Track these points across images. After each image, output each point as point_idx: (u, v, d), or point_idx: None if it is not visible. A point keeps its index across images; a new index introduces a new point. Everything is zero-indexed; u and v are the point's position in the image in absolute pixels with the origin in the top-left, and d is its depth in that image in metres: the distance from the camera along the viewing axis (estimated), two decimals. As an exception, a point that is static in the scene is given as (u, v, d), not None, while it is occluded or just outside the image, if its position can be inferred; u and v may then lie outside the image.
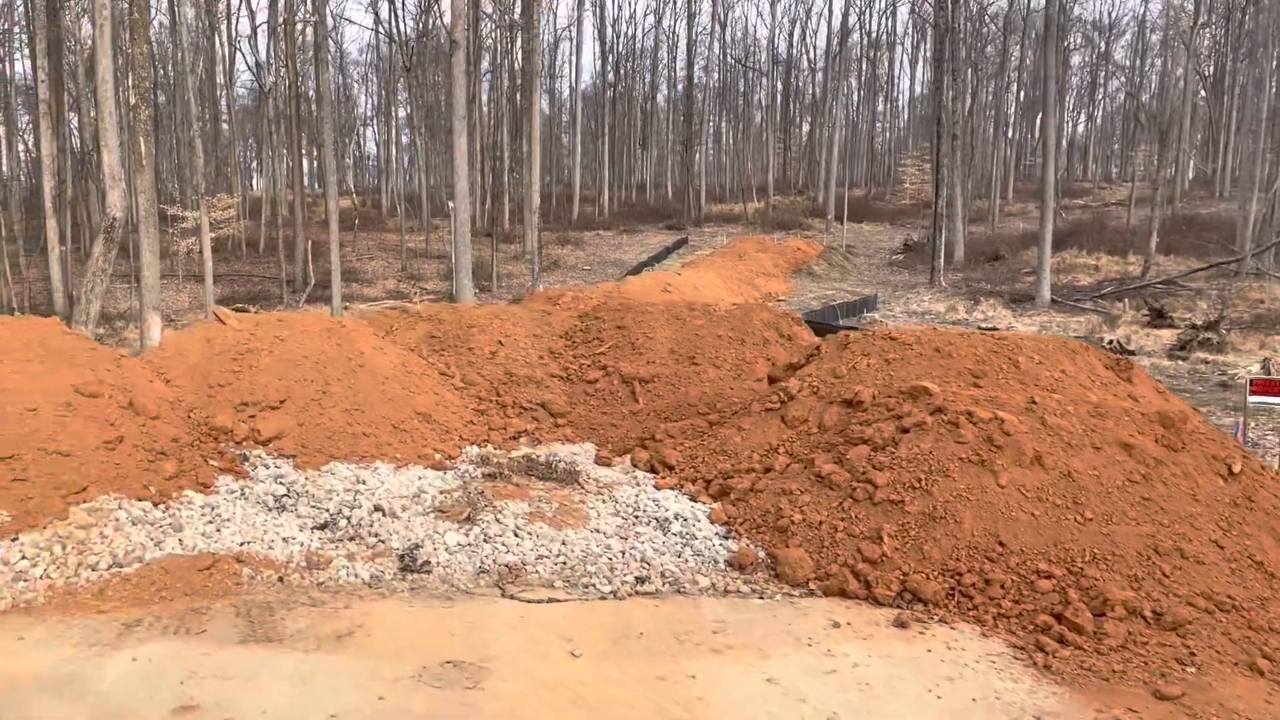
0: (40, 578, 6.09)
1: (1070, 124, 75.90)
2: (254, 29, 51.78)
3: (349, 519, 7.23)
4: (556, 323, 14.17)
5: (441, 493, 8.02)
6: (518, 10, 51.93)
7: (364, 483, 8.22)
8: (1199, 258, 39.60)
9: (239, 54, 59.05)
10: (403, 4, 53.80)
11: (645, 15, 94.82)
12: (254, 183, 69.96)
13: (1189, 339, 24.68)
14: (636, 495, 8.01)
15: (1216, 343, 24.51)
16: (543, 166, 48.64)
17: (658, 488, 8.26)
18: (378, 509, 7.36)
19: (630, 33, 74.22)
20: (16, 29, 49.44)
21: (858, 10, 60.52)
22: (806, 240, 53.76)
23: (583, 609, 5.84)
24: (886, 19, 76.46)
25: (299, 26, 45.84)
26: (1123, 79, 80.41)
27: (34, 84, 36.87)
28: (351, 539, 6.95)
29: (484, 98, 54.00)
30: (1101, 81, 78.62)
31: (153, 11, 41.10)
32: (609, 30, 69.71)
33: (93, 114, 41.48)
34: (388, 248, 51.41)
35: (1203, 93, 68.27)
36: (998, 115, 64.21)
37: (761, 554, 6.71)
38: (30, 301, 31.87)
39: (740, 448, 8.41)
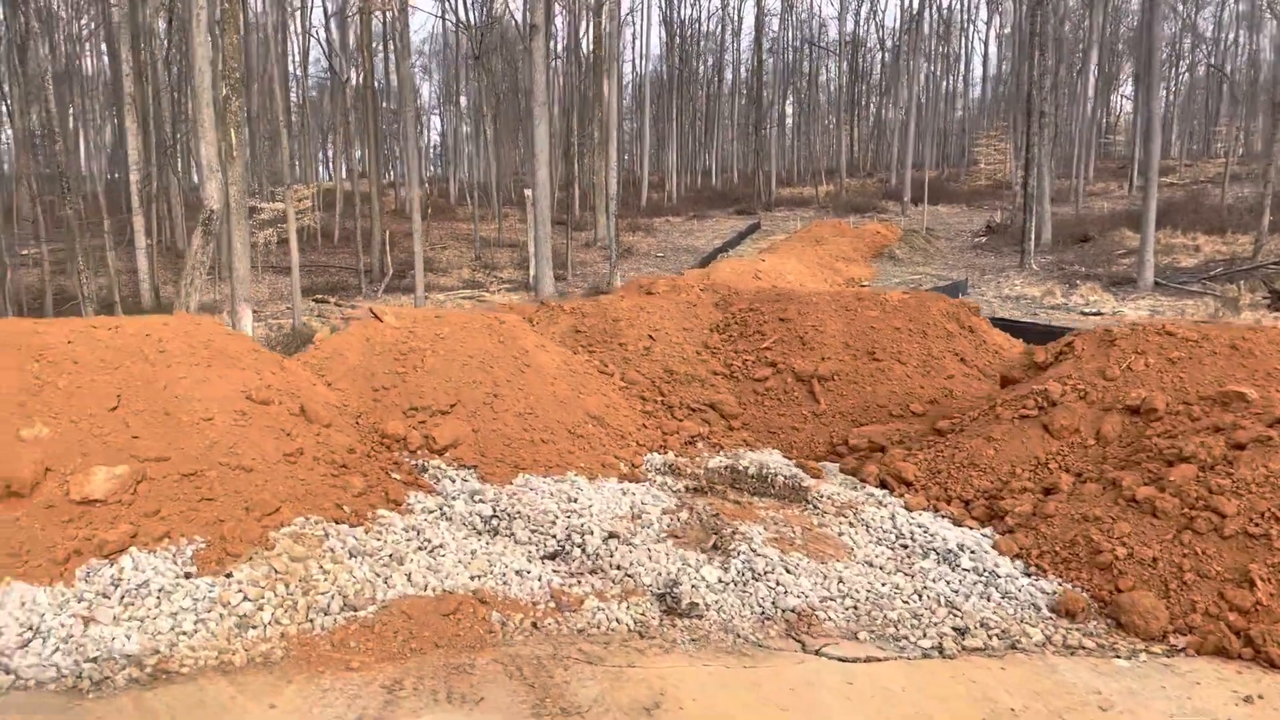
0: (269, 623, 5.28)
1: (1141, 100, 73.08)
2: (326, 19, 51.35)
3: (582, 547, 6.34)
4: (704, 315, 13.23)
5: (664, 513, 7.11)
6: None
7: (575, 500, 7.34)
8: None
9: (314, 43, 58.71)
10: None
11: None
12: (318, 173, 69.98)
13: None
14: (892, 518, 7.02)
15: (1359, 328, 22.83)
16: (602, 153, 47.58)
17: (908, 508, 7.27)
18: (612, 535, 6.46)
19: (695, 16, 72.84)
20: (93, 25, 49.53)
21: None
22: (884, 223, 52.40)
23: (913, 671, 4.89)
24: (959, -6, 74.21)
25: (375, 14, 45.25)
26: (1205, 51, 77.53)
27: (117, 78, 36.77)
28: (592, 572, 6.06)
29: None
30: (1185, 53, 75.81)
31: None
32: (674, 14, 68.45)
33: (167, 108, 41.38)
34: (459, 237, 50.96)
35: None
36: (1082, 92, 61.96)
37: (1085, 596, 5.70)
38: (120, 295, 31.73)
39: (995, 461, 7.40)
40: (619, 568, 6.06)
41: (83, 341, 7.82)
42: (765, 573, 5.84)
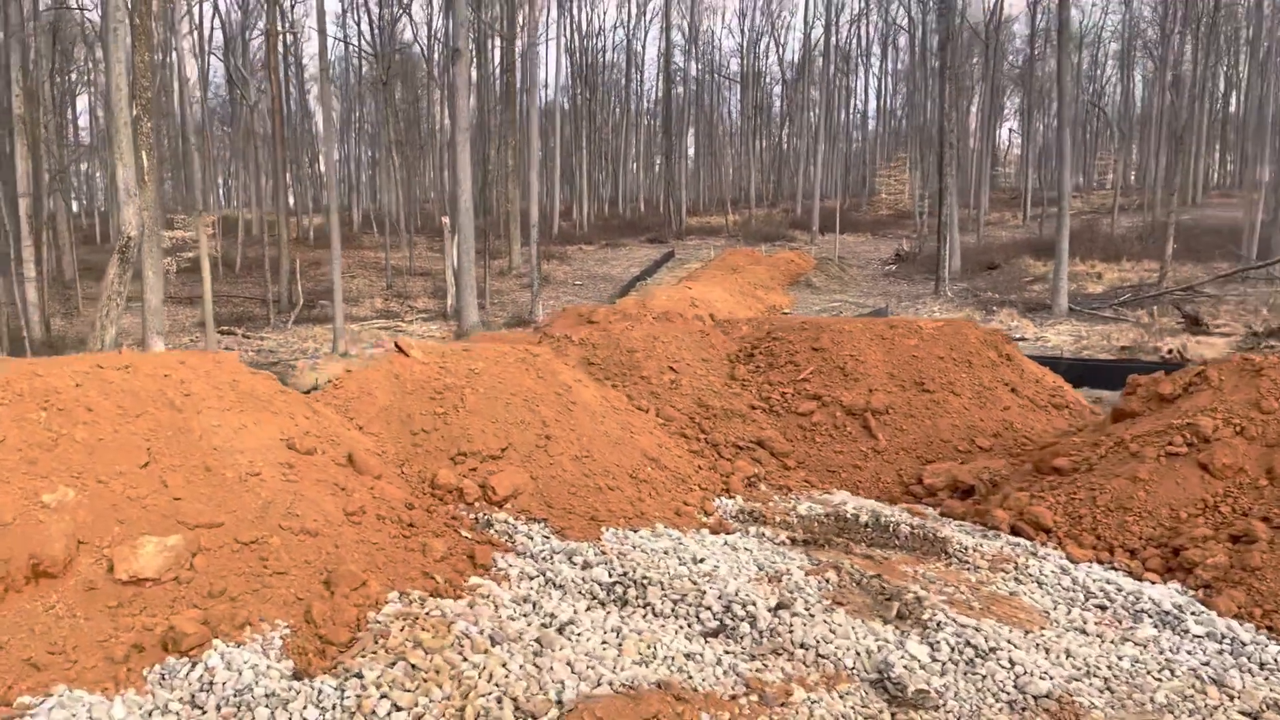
0: (437, 738, 4.20)
1: (1038, 133, 75.92)
2: (226, 41, 49.05)
3: (751, 621, 5.40)
4: (718, 344, 12.45)
5: (807, 574, 6.23)
6: (502, 21, 50.17)
7: (701, 561, 6.40)
8: (1197, 262, 39.26)
9: (212, 67, 55.85)
10: (377, 17, 51.55)
11: (614, 29, 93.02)
12: (214, 200, 66.91)
13: (1250, 347, 23.61)
14: (1063, 573, 6.29)
15: (1282, 350, 23.47)
16: (516, 181, 46.51)
17: (1073, 560, 6.56)
18: (781, 606, 5.54)
19: (601, 45, 72.63)
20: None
21: (834, 25, 59.85)
22: (796, 252, 52.75)
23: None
24: (859, 30, 75.95)
25: (282, 37, 43.34)
26: (1082, 87, 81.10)
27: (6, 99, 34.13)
28: (775, 653, 5.13)
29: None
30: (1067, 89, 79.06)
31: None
32: (580, 44, 68.05)
33: (54, 131, 38.61)
34: (367, 265, 49.10)
35: (1169, 99, 68.76)
36: (979, 126, 63.93)
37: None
38: (7, 328, 29.26)
39: (1150, 505, 6.78)
40: (804, 645, 5.14)
41: (93, 385, 6.55)
42: (991, 649, 4.99)
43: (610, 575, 6.13)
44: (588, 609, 5.75)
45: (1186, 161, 55.61)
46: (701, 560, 6.35)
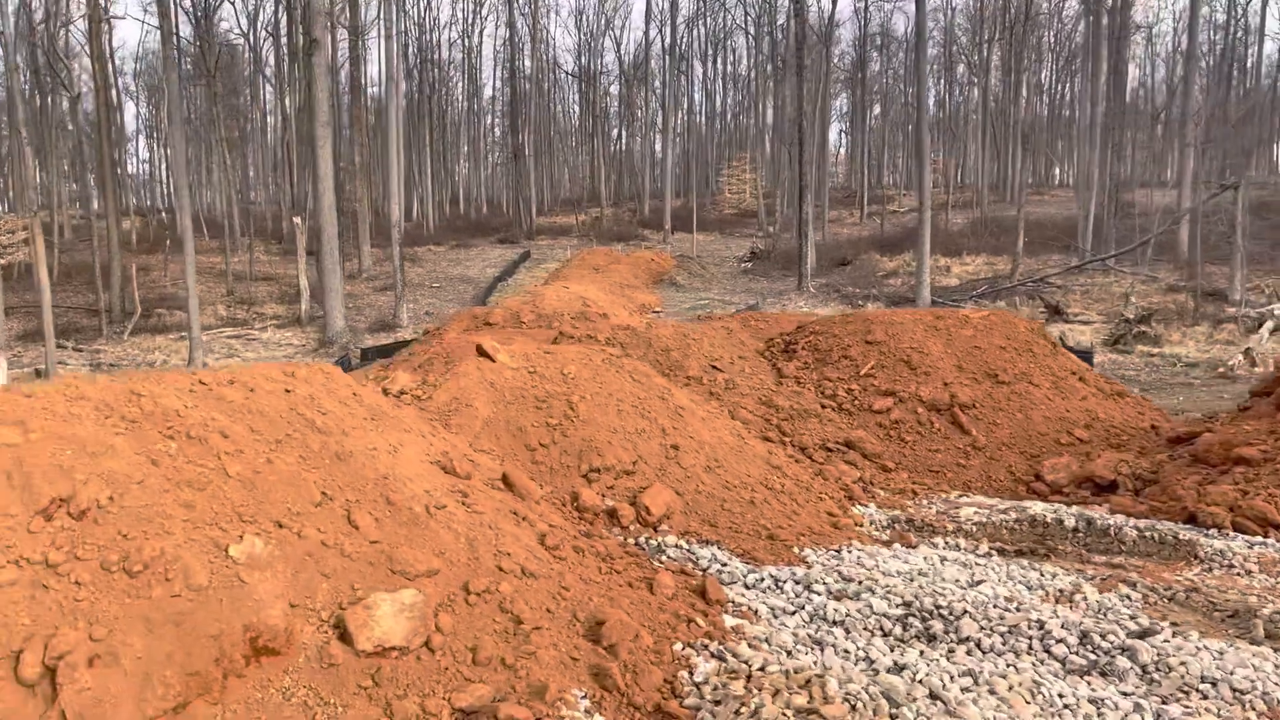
0: None
1: (859, 134, 78.79)
2: (31, 26, 44.25)
3: (1127, 654, 4.59)
4: (747, 340, 11.62)
5: (1101, 591, 5.48)
6: (344, 12, 47.50)
7: (979, 583, 5.53)
8: (1031, 255, 41.33)
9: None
10: (198, 5, 47.83)
11: (450, 24, 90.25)
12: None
13: (1122, 333, 24.76)
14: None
15: (1154, 335, 24.76)
16: (364, 180, 43.97)
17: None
18: (1147, 633, 4.75)
19: (436, 40, 70.28)
20: None
21: (672, 24, 59.85)
22: (654, 251, 52.52)
23: None
24: (697, 30, 76.53)
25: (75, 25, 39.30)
26: (902, 89, 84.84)
27: None
28: (1183, 690, 4.32)
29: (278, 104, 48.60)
30: (885, 93, 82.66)
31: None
32: (417, 39, 65.58)
33: None
34: (202, 270, 45.41)
35: (994, 103, 72.78)
36: (822, 126, 65.68)
37: None
38: None
39: (1375, 491, 6.44)
40: (1207, 679, 4.37)
41: (210, 405, 5.07)
42: None
43: (891, 606, 5.18)
44: (892, 648, 4.80)
45: (1015, 161, 58.69)
46: (980, 582, 5.49)
